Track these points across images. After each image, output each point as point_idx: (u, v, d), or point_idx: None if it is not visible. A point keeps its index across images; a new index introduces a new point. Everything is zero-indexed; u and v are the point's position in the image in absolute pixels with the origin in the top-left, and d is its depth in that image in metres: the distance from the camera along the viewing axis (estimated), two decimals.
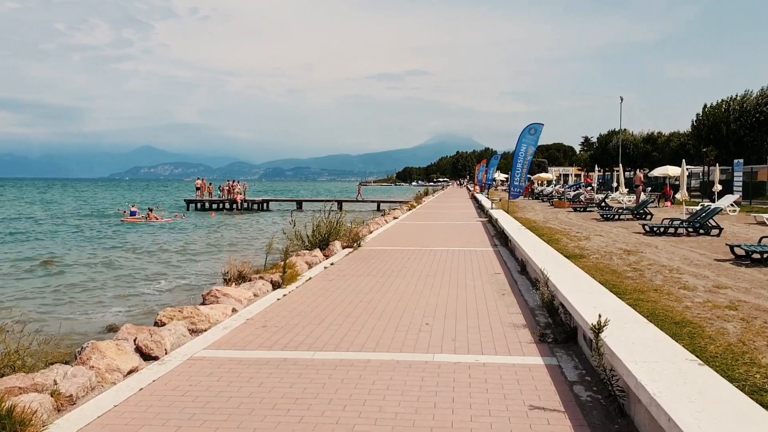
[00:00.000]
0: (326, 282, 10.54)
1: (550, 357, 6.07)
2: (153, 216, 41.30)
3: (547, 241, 14.65)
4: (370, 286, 10.11)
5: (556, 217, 26.26)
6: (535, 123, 27.15)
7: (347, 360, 5.97)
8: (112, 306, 13.60)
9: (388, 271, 11.77)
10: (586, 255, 13.08)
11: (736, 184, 29.69)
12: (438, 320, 7.62)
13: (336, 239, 15.71)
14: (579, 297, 6.70)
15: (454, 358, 6.03)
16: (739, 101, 50.01)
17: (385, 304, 8.57)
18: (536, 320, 7.61)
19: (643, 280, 9.83)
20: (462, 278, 10.83)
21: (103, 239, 30.09)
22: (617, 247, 14.64)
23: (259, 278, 10.09)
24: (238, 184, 55.93)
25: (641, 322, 5.61)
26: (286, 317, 7.85)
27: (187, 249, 25.68)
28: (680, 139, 67.80)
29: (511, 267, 12.28)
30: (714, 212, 17.25)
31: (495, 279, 10.77)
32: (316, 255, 13.21)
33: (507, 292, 9.55)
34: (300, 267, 11.57)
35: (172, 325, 6.90)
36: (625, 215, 24.11)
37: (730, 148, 51.86)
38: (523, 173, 27.05)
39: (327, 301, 8.88)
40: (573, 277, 8.13)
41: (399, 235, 19.36)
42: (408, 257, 13.71)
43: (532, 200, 48.30)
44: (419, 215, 30.11)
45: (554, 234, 17.84)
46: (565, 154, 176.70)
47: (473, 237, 18.53)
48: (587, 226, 20.98)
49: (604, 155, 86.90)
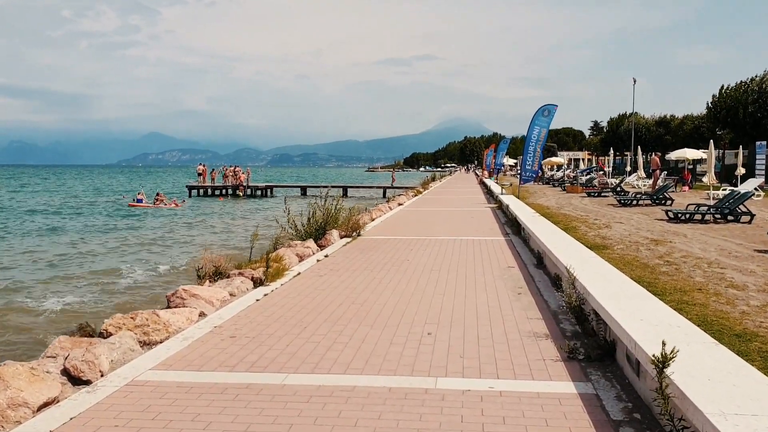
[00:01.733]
0: (317, 278, 9.27)
1: (584, 382, 4.79)
2: (161, 202, 41.01)
3: (563, 229, 13.34)
4: (365, 283, 8.83)
5: (570, 203, 24.87)
6: (549, 104, 25.70)
7: (326, 387, 4.70)
8: (64, 305, 12.42)
9: (387, 264, 10.49)
10: (609, 245, 11.75)
11: (758, 167, 28.15)
12: (443, 328, 6.34)
13: (333, 228, 14.45)
14: (617, 304, 5.40)
15: (463, 383, 4.76)
16: (758, 82, 48.17)
17: (381, 307, 7.29)
18: (561, 328, 6.32)
19: (680, 276, 8.51)
20: (471, 273, 9.54)
21: (109, 226, 28.95)
22: (642, 236, 13.30)
23: (239, 274, 8.82)
24: (240, 170, 54.66)
25: (708, 342, 4.30)
26: (261, 324, 6.59)
27: (178, 237, 24.51)
28: (694, 122, 65.91)
29: (526, 259, 10.98)
30: (745, 197, 15.84)
31: (508, 274, 9.47)
32: (309, 246, 11.94)
33: (523, 290, 8.25)
34: (289, 260, 10.31)
35: (118, 337, 5.66)
36: (643, 200, 22.70)
37: (747, 131, 50.10)
38: (535, 157, 25.64)
39: (314, 302, 7.61)
40: (603, 276, 6.82)
41: (403, 223, 18.06)
42: (411, 248, 12.43)
43: (542, 185, 46.85)
44: (426, 201, 28.78)
45: (571, 221, 16.49)
46: (575, 139, 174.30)
47: (482, 225, 17.21)
48: (605, 213, 19.61)
49: (615, 139, 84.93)
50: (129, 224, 30.25)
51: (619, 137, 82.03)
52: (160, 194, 43.02)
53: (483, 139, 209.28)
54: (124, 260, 18.36)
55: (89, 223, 30.88)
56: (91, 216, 35.58)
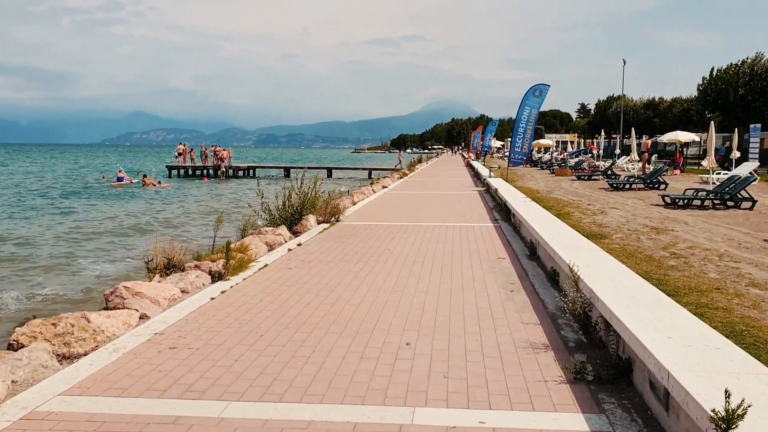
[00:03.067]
0: (285, 271, 8.27)
1: (597, 414, 3.85)
2: (150, 182, 40.50)
3: (556, 215, 12.42)
4: (339, 277, 7.85)
5: (560, 187, 23.99)
6: (541, 84, 24.67)
7: (275, 423, 3.72)
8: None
9: (366, 254, 9.52)
10: (607, 234, 10.84)
11: (752, 151, 27.40)
12: (424, 337, 5.38)
13: (310, 213, 13.44)
14: (634, 314, 4.47)
15: (446, 416, 3.81)
16: (749, 64, 47.41)
17: (354, 308, 6.32)
18: (562, 336, 5.39)
19: (692, 271, 7.60)
20: (457, 265, 8.59)
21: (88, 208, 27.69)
22: (640, 223, 12.41)
23: (195, 267, 7.80)
24: (222, 149, 53.27)
25: (763, 374, 3.36)
26: (211, 330, 5.60)
27: (154, 223, 23.39)
28: (683, 105, 65.23)
29: (518, 249, 10.04)
30: (746, 182, 14.99)
31: (499, 267, 8.53)
32: (280, 233, 10.91)
33: (516, 287, 7.31)
34: (256, 250, 9.31)
35: (28, 351, 4.65)
36: (636, 184, 21.86)
37: (738, 114, 49.46)
38: (525, 139, 24.65)
39: (278, 301, 6.62)
40: (611, 276, 5.89)
41: (386, 208, 17.08)
42: (393, 235, 11.46)
43: (530, 168, 45.97)
44: (411, 184, 27.80)
45: (563, 207, 15.58)
46: (562, 121, 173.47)
47: (470, 209, 16.27)
48: (597, 197, 18.73)
49: (602, 122, 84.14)
50: (108, 205, 29.03)
51: (607, 120, 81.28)
52: (147, 177, 41.94)
53: (470, 121, 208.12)
54: (85, 249, 17.21)
55: (61, 205, 29.61)
56: (67, 197, 34.25)
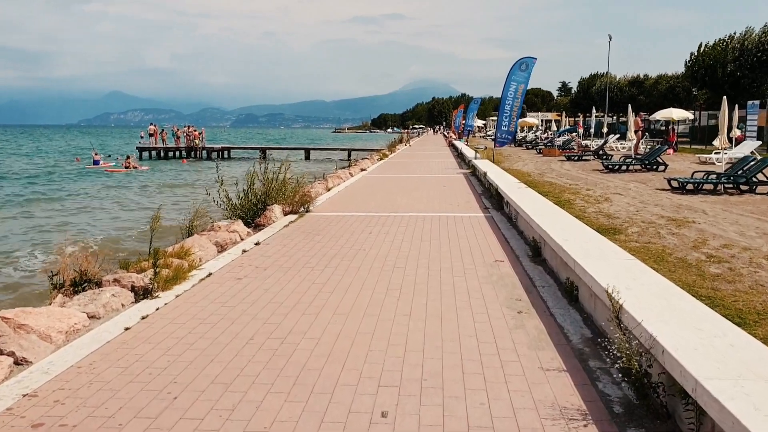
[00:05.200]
0: (231, 284, 6.60)
1: None
2: (133, 164, 38.87)
3: (555, 203, 10.88)
4: (299, 292, 6.20)
5: (551, 168, 22.44)
6: (527, 57, 23.01)
7: None
8: None
9: (336, 256, 7.87)
10: (620, 227, 9.28)
11: (749, 128, 26.03)
12: (407, 400, 3.76)
13: (276, 202, 11.76)
14: (734, 387, 2.87)
15: None
16: (739, 39, 46.04)
17: (312, 347, 4.68)
18: (601, 391, 3.80)
19: (745, 283, 6.04)
20: (447, 272, 6.97)
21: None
22: (652, 212, 10.88)
23: (114, 282, 6.09)
24: (194, 130, 51.12)
25: None
26: (106, 388, 3.93)
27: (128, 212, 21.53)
28: (669, 82, 63.92)
29: (517, 247, 8.45)
30: (764, 164, 13.51)
31: (498, 273, 6.92)
32: (235, 230, 9.19)
33: (524, 305, 5.72)
34: (200, 253, 7.62)
35: None
36: (633, 166, 20.35)
37: (726, 90, 48.16)
38: (512, 117, 23.02)
39: (209, 335, 4.96)
40: (663, 305, 4.29)
41: (364, 194, 15.41)
42: (371, 230, 9.82)
43: (515, 148, 44.44)
44: (391, 166, 26.09)
45: (561, 192, 14.02)
46: (543, 100, 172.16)
47: (456, 195, 14.65)
48: (595, 181, 17.20)
49: (585, 99, 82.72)
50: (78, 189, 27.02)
51: (591, 98, 79.86)
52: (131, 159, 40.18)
53: (451, 100, 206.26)
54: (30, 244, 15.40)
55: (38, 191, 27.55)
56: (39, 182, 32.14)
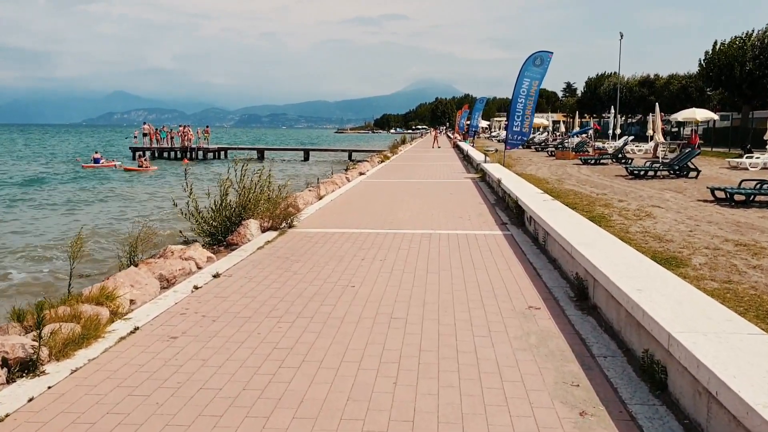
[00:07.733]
0: (159, 347, 4.62)
1: None
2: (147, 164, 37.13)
3: (589, 219, 8.90)
4: (250, 368, 4.22)
5: (568, 174, 20.45)
6: (542, 51, 21.03)
7: None
8: None
9: (315, 298, 5.90)
10: (678, 255, 7.29)
11: None
12: None
13: (255, 216, 9.81)
14: None
15: None
16: (759, 37, 43.94)
17: None
18: None
19: None
20: (464, 332, 4.98)
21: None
22: (709, 232, 8.89)
23: None
24: (190, 130, 49.23)
25: None
26: None
27: None
28: (681, 82, 61.86)
29: (552, 284, 6.46)
30: None
31: (536, 331, 4.95)
32: (191, 257, 7.19)
33: (584, 396, 3.73)
34: (131, 295, 5.66)
35: None
36: (661, 171, 18.35)
37: (744, 90, 46.13)
38: (525, 116, 21.02)
39: None
40: None
41: (360, 203, 13.45)
42: (364, 255, 7.85)
43: (523, 150, 42.41)
44: (393, 170, 24.11)
45: (590, 205, 12.03)
46: (548, 100, 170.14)
47: (465, 205, 12.68)
48: (623, 189, 15.20)
49: (593, 100, 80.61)
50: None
51: (598, 98, 77.75)
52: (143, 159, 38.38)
53: (454, 100, 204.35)
54: None
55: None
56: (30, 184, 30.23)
